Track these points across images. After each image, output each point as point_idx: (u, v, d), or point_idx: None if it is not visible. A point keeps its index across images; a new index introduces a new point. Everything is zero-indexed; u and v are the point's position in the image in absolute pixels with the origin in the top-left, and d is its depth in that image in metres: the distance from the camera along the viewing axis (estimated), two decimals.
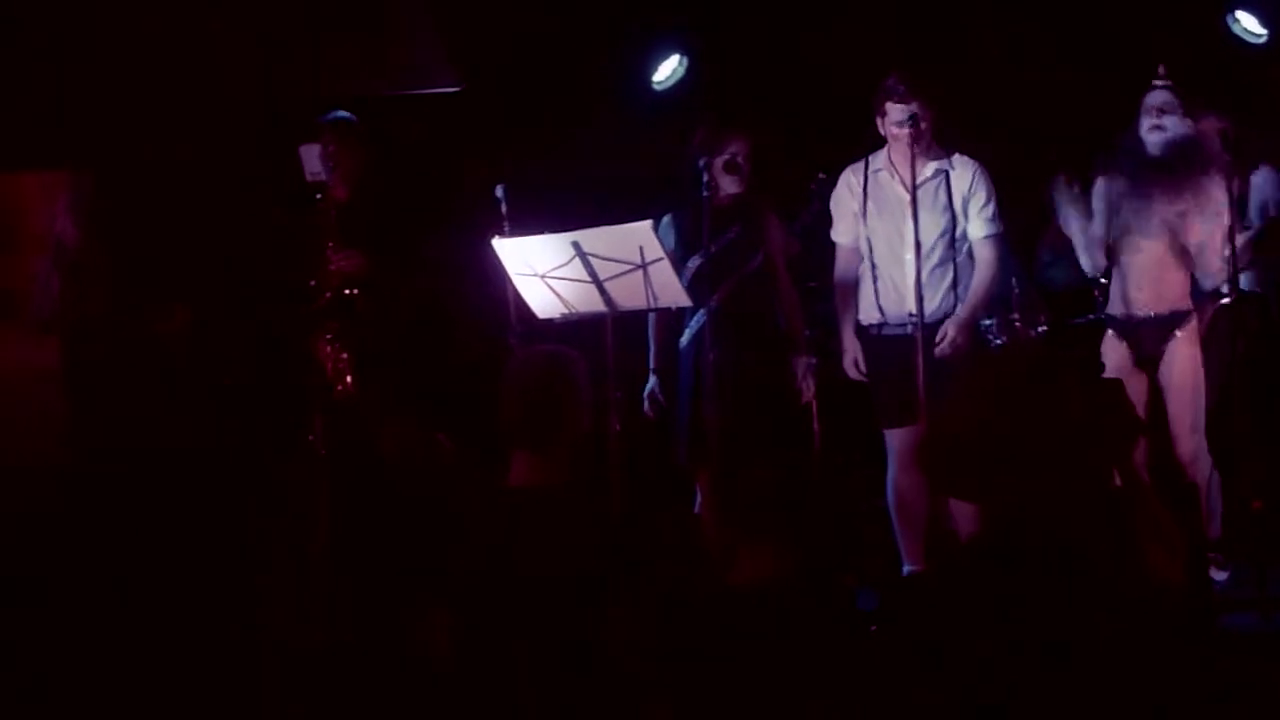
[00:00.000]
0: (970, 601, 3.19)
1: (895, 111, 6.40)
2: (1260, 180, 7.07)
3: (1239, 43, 7.99)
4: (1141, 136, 6.47)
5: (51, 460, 6.45)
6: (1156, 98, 6.46)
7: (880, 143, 6.58)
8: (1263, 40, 7.96)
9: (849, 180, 6.67)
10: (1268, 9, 7.93)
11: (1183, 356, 6.46)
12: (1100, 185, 6.57)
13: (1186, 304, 6.51)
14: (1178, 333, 6.47)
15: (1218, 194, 6.33)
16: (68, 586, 4.82)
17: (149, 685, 4.34)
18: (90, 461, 6.25)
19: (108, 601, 4.68)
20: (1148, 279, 6.50)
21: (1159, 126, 6.43)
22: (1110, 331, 6.62)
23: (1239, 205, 6.80)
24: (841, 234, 6.70)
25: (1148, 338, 6.50)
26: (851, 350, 6.62)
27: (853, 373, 6.62)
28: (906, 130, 6.30)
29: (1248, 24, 7.98)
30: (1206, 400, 6.49)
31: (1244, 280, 6.89)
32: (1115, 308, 6.61)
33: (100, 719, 4.43)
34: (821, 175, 7.49)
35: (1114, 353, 6.57)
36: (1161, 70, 6.48)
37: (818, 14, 8.20)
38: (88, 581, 4.77)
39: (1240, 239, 6.47)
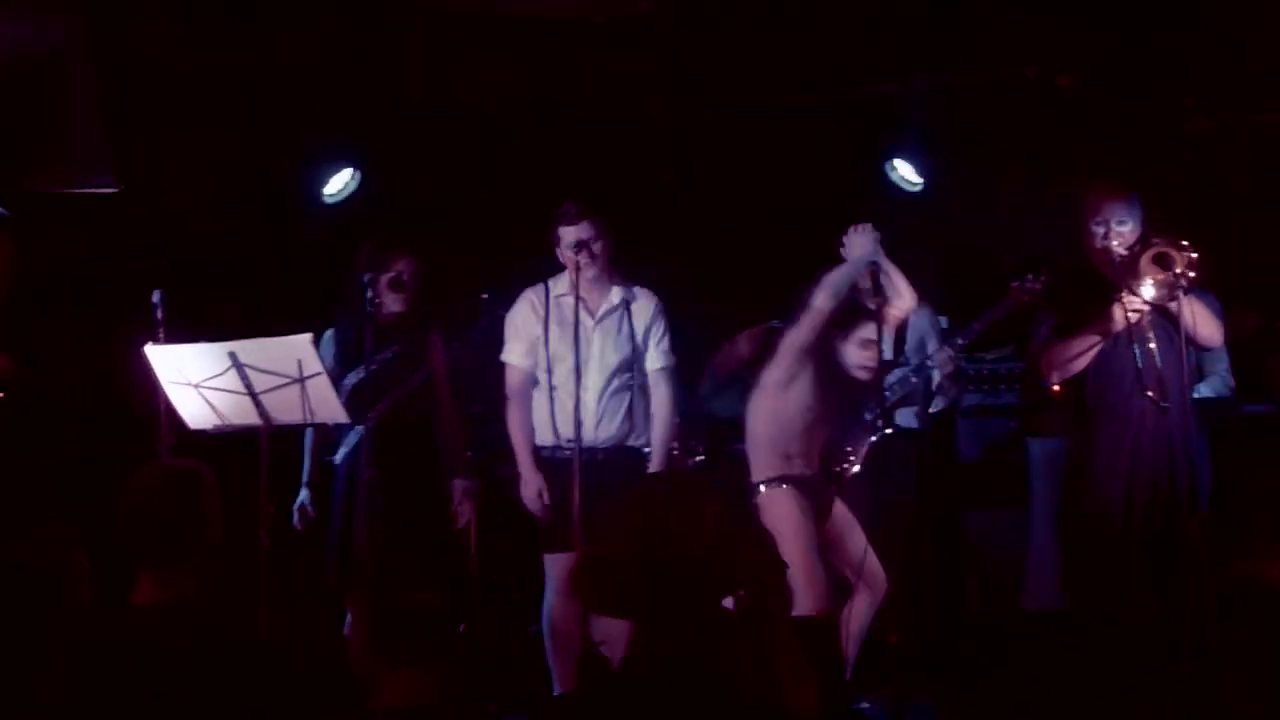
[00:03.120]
0: None
1: (568, 234, 6.44)
2: (916, 318, 7.22)
3: (895, 190, 8.30)
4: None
5: None
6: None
7: (555, 267, 6.59)
8: (918, 188, 8.28)
9: (531, 302, 6.61)
10: (924, 158, 8.26)
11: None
12: None
13: None
14: None
15: None
16: None
17: None
18: None
19: None
20: None
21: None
22: None
23: (895, 341, 7.00)
24: (519, 355, 6.60)
25: None
26: (535, 481, 6.47)
27: (535, 505, 6.47)
28: (580, 255, 6.34)
29: (905, 172, 8.30)
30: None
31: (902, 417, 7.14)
32: None
33: None
34: (485, 295, 7.48)
35: None
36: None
37: (495, 132, 8.23)
38: None
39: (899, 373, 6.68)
